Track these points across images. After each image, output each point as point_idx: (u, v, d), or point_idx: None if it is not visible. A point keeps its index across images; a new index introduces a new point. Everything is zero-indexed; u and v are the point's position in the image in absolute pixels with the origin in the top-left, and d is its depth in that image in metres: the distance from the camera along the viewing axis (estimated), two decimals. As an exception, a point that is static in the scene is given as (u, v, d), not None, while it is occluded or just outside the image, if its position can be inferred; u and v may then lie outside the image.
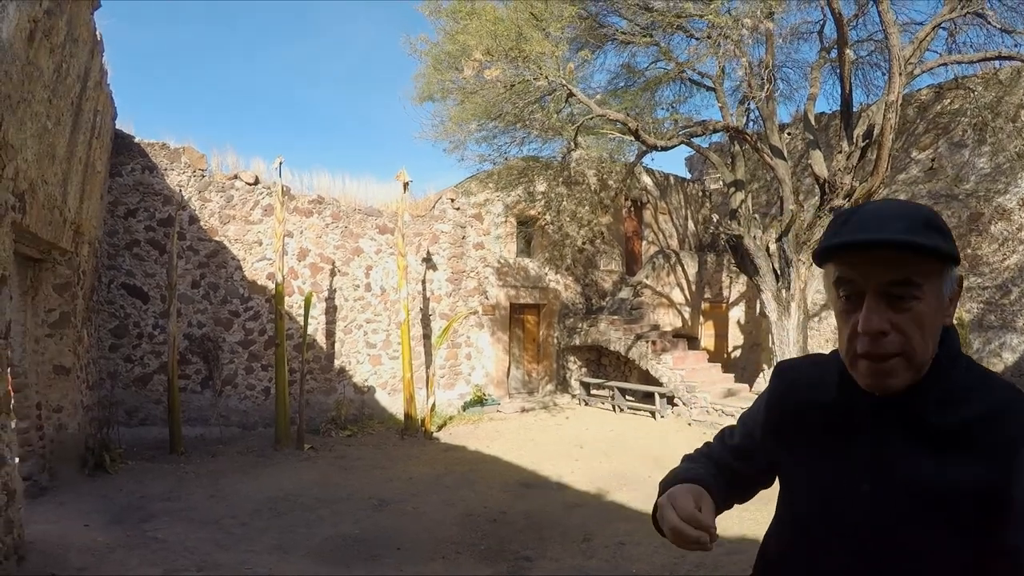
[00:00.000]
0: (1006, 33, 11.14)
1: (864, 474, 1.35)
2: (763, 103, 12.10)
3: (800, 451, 1.49)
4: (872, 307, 1.27)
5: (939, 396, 1.33)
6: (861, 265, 1.28)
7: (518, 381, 16.44)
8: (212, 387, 11.75)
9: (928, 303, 1.28)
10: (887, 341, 1.26)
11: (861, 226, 1.29)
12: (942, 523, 1.27)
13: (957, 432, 1.29)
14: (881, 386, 1.31)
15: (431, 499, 8.25)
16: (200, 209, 11.83)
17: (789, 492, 1.53)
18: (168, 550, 6.06)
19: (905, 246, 1.24)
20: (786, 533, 1.52)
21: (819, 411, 1.46)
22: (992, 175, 14.73)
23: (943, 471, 1.28)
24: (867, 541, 1.33)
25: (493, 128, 12.79)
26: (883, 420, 1.36)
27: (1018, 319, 14.25)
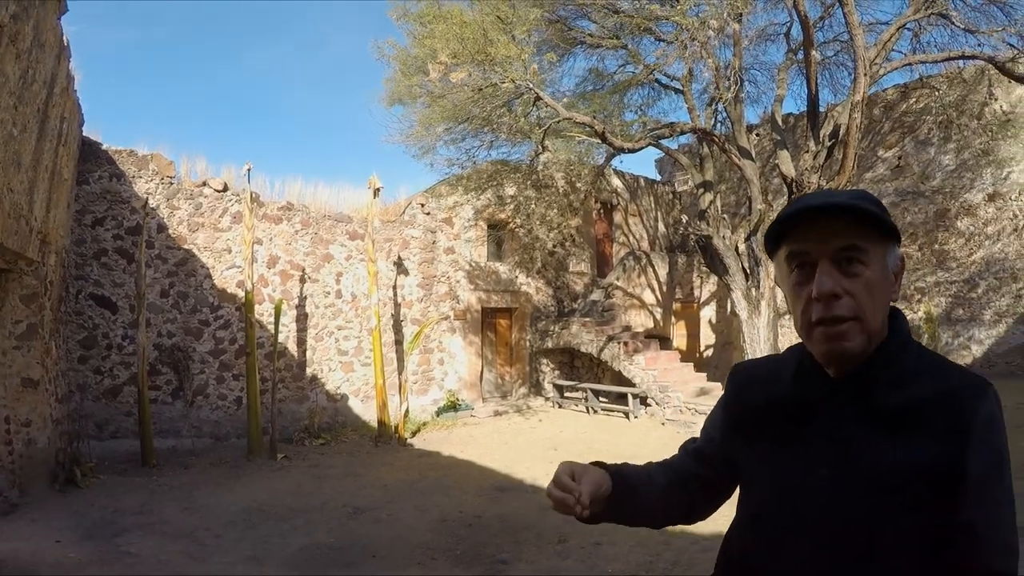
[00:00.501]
0: (970, 33, 11.39)
1: (822, 459, 1.39)
2: (731, 105, 12.22)
3: (759, 446, 1.53)
4: (825, 271, 1.34)
5: (891, 379, 1.39)
6: (812, 235, 1.36)
7: (491, 385, 16.46)
8: (183, 398, 11.64)
9: (875, 271, 1.36)
10: (840, 304, 1.33)
11: (805, 200, 1.38)
12: (899, 504, 1.31)
13: (911, 414, 1.35)
14: (835, 350, 1.36)
15: (406, 505, 8.23)
16: (168, 217, 11.72)
17: (750, 489, 1.56)
18: (141, 564, 6.02)
19: (854, 210, 1.33)
20: (748, 530, 1.55)
21: (775, 405, 1.52)
22: (957, 172, 15.15)
23: (898, 452, 1.32)
24: (826, 525, 1.36)
25: (461, 131, 12.80)
26: (838, 405, 1.41)
27: (985, 312, 14.64)
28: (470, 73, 10.66)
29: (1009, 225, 14.45)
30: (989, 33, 11.21)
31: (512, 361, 16.84)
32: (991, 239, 14.70)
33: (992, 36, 11.18)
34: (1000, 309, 14.51)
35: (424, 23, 11.32)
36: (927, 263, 15.65)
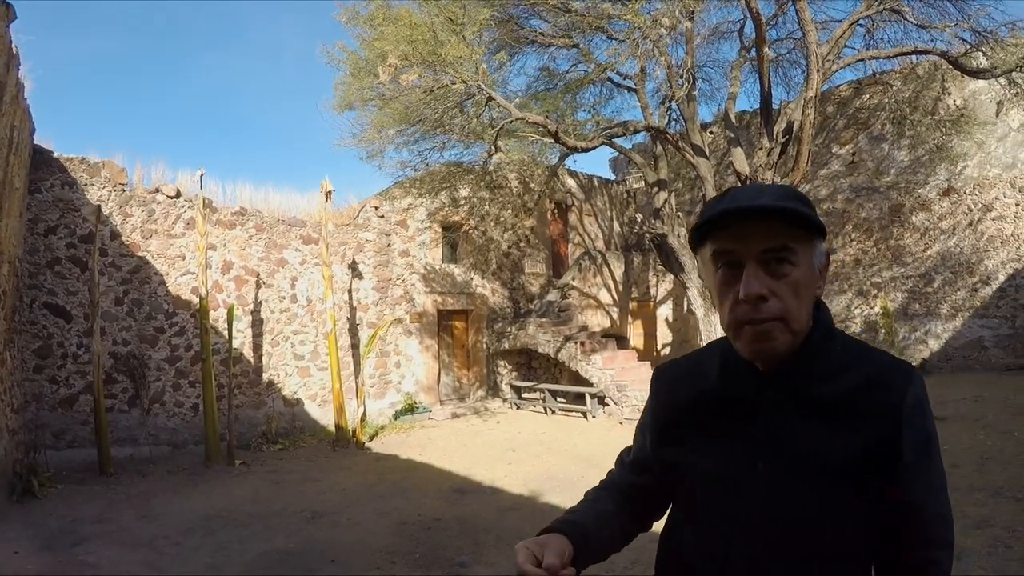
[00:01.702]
0: (922, 28, 11.52)
1: (759, 453, 1.43)
2: (684, 103, 12.32)
3: (693, 445, 1.54)
4: (752, 273, 1.36)
5: (820, 369, 1.43)
6: (739, 235, 1.37)
7: (449, 388, 16.53)
8: (140, 406, 11.57)
9: (802, 271, 1.38)
10: (767, 306, 1.35)
11: (737, 199, 1.39)
12: (838, 490, 1.38)
13: (842, 402, 1.41)
14: (763, 350, 1.40)
15: (365, 509, 8.29)
16: (122, 224, 11.65)
17: (689, 488, 1.56)
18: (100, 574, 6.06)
19: (782, 212, 1.35)
20: (691, 530, 1.55)
21: (705, 402, 1.55)
22: (912, 167, 15.37)
23: (834, 441, 1.38)
24: (771, 518, 1.41)
25: (413, 133, 12.77)
26: (769, 398, 1.44)
27: (942, 307, 14.86)
28: (420, 75, 10.66)
29: (964, 219, 14.67)
30: (942, 28, 11.31)
31: (469, 363, 16.93)
32: (946, 234, 14.91)
33: (945, 31, 11.29)
34: (956, 303, 14.73)
35: (374, 25, 11.28)
36: (883, 258, 15.87)
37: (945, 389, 12.57)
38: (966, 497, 6.80)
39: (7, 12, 7.25)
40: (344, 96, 12.45)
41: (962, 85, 14.46)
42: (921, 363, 15.00)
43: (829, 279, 16.22)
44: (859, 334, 15.99)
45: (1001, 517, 6.16)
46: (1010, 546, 5.49)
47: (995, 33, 11.04)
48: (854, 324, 16.22)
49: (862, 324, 16.10)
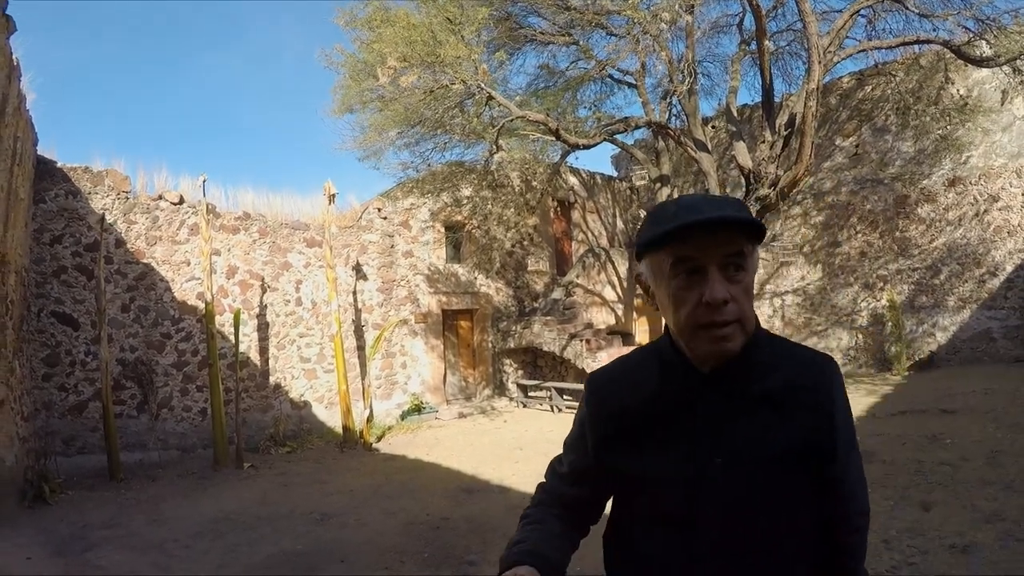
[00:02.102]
0: (924, 18, 11.52)
1: (713, 450, 1.49)
2: (685, 98, 12.31)
3: (640, 448, 1.57)
4: (715, 279, 1.42)
5: (756, 366, 1.53)
6: (702, 243, 1.42)
7: (455, 387, 16.56)
8: (148, 411, 11.62)
9: (751, 275, 1.48)
10: (727, 309, 1.42)
11: (693, 212, 1.43)
12: (788, 477, 1.49)
13: (779, 394, 1.51)
14: (722, 351, 1.46)
15: (372, 510, 8.29)
16: (126, 232, 11.70)
17: (635, 491, 1.60)
18: (111, 577, 6.11)
19: (746, 223, 1.42)
20: (637, 530, 1.61)
21: (648, 405, 1.58)
22: (916, 159, 15.25)
23: (777, 430, 1.49)
24: (733, 510, 1.48)
25: (414, 134, 12.84)
26: (714, 397, 1.52)
27: (949, 299, 14.75)
28: (420, 76, 10.68)
29: (970, 210, 14.59)
30: (944, 17, 11.32)
31: (475, 363, 16.96)
32: (952, 225, 14.83)
33: (947, 20, 11.29)
34: (963, 295, 14.64)
35: (372, 28, 11.31)
36: (888, 251, 15.80)
37: (954, 382, 12.54)
38: (977, 491, 6.76)
39: (7, 24, 7.28)
40: (343, 100, 12.48)
41: (966, 74, 14.35)
42: (929, 355, 14.97)
43: (835, 271, 16.31)
44: (866, 327, 15.99)
45: (1012, 511, 6.09)
46: (1021, 540, 5.43)
47: (998, 21, 11.00)
48: (860, 318, 16.17)
49: (868, 317, 16.03)
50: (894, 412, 10.98)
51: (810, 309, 17.04)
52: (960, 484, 7.05)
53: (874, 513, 5.73)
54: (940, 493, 6.88)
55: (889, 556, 5.40)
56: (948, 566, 5.10)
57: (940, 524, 6.00)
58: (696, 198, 1.50)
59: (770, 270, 17.74)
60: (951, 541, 5.56)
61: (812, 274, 17.04)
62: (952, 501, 6.58)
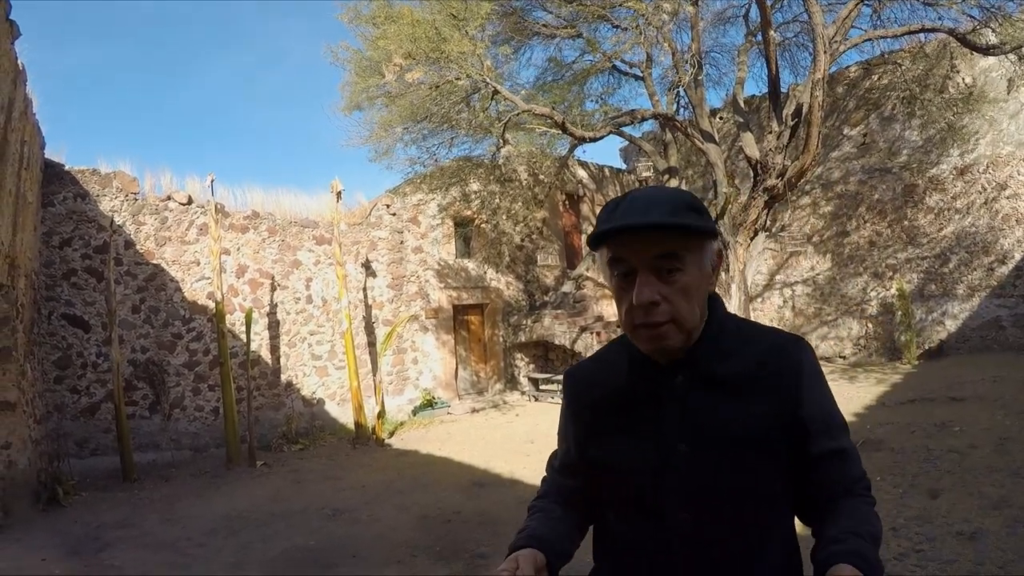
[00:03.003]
0: (929, 6, 11.51)
1: (678, 436, 1.53)
2: (692, 89, 12.29)
3: (614, 439, 1.63)
4: (643, 281, 1.45)
5: (718, 351, 1.56)
6: (631, 245, 1.46)
7: (467, 382, 16.60)
8: (160, 411, 11.71)
9: (691, 274, 1.48)
10: (659, 310, 1.45)
11: (630, 212, 1.47)
12: (755, 457, 1.50)
13: (742, 377, 1.54)
14: (658, 348, 1.51)
15: (385, 505, 8.33)
16: (135, 233, 11.77)
17: (612, 482, 1.64)
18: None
19: (666, 227, 1.43)
20: (624, 518, 1.64)
21: (617, 397, 1.64)
22: (924, 147, 15.24)
23: (740, 412, 1.51)
24: (699, 492, 1.51)
25: (421, 130, 12.84)
26: (677, 386, 1.55)
27: (958, 287, 14.73)
28: (425, 72, 10.69)
29: (978, 198, 14.55)
30: (949, 5, 11.28)
31: (486, 357, 16.99)
32: (961, 213, 14.79)
33: (952, 8, 11.26)
34: (973, 283, 14.61)
35: (376, 24, 11.31)
36: (897, 240, 15.76)
37: (963, 370, 12.53)
38: (985, 477, 6.79)
39: (11, 29, 7.33)
40: (351, 97, 12.49)
41: (972, 63, 14.30)
42: (939, 344, 14.96)
43: (844, 261, 16.30)
44: (875, 316, 15.97)
45: (1019, 498, 6.12)
46: None
47: (1003, 9, 10.91)
48: (870, 307, 16.14)
49: (878, 307, 16.01)
50: (903, 401, 10.99)
51: (820, 299, 17.01)
52: (968, 471, 7.09)
53: (883, 501, 5.79)
54: (948, 480, 6.92)
55: (897, 543, 5.43)
56: (955, 553, 5.14)
57: (948, 511, 6.03)
58: (639, 198, 1.52)
59: (779, 260, 17.71)
60: (959, 528, 5.59)
61: (821, 264, 17.00)
62: (960, 488, 6.61)
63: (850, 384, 13.21)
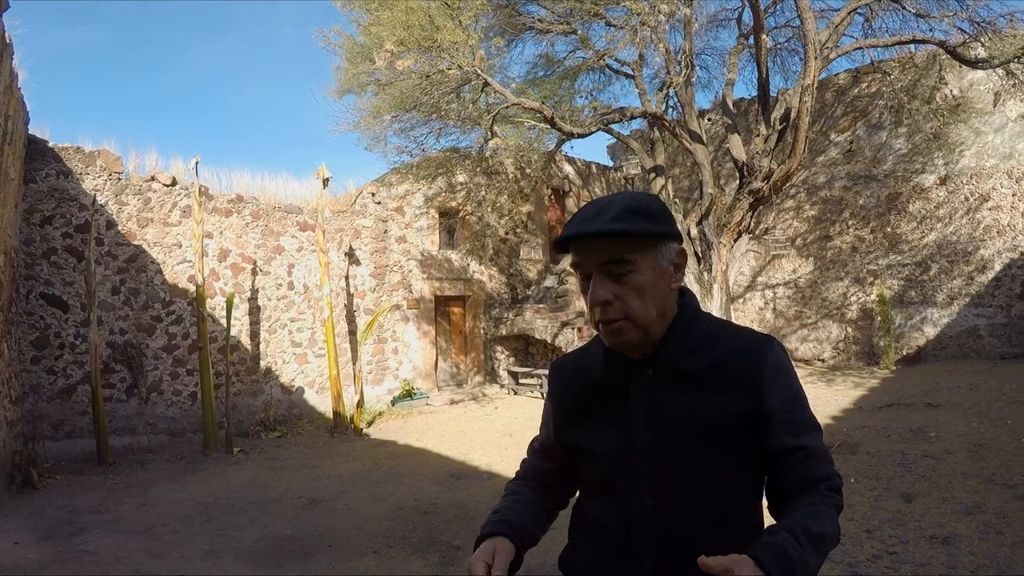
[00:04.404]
0: (921, 18, 11.63)
1: (644, 425, 1.63)
2: (682, 89, 12.36)
3: (590, 426, 1.75)
4: (597, 283, 1.57)
5: (686, 347, 1.65)
6: (583, 252, 1.58)
7: (446, 374, 16.59)
8: (138, 395, 11.59)
9: (644, 275, 1.57)
10: (612, 308, 1.56)
11: (581, 221, 1.58)
12: (716, 448, 1.60)
13: (709, 372, 1.62)
14: (618, 343, 1.62)
15: (362, 495, 8.34)
16: (117, 213, 11.63)
17: (590, 464, 1.76)
18: (99, 563, 6.09)
19: (612, 234, 1.53)
20: (596, 500, 1.77)
21: (594, 388, 1.76)
22: (909, 156, 15.43)
23: (707, 405, 1.60)
24: (661, 479, 1.61)
25: (410, 119, 12.77)
26: (647, 378, 1.65)
27: (938, 294, 14.92)
28: (417, 60, 10.65)
29: (961, 208, 14.72)
30: (940, 18, 11.42)
31: (467, 349, 16.98)
32: (943, 222, 14.97)
33: (943, 21, 11.38)
34: (952, 291, 14.79)
35: (369, 10, 11.24)
36: (879, 246, 15.92)
37: (940, 377, 12.67)
38: (959, 483, 6.89)
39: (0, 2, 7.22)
40: (343, 82, 12.42)
41: (960, 75, 14.49)
42: (917, 350, 15.12)
43: (826, 265, 16.43)
44: (855, 321, 16.12)
45: (993, 503, 6.23)
46: (1001, 532, 5.55)
47: (994, 24, 11.10)
48: (850, 311, 16.28)
49: (858, 311, 16.15)
50: (880, 405, 11.11)
51: (801, 302, 17.12)
52: (942, 476, 7.20)
53: (857, 504, 5.92)
54: (923, 485, 7.01)
55: (871, 545, 5.52)
56: (928, 556, 5.23)
57: (922, 515, 6.13)
58: (592, 205, 1.62)
59: (762, 262, 17.81)
60: (932, 532, 5.69)
61: (804, 267, 17.11)
62: (934, 493, 6.72)
63: (828, 387, 13.34)
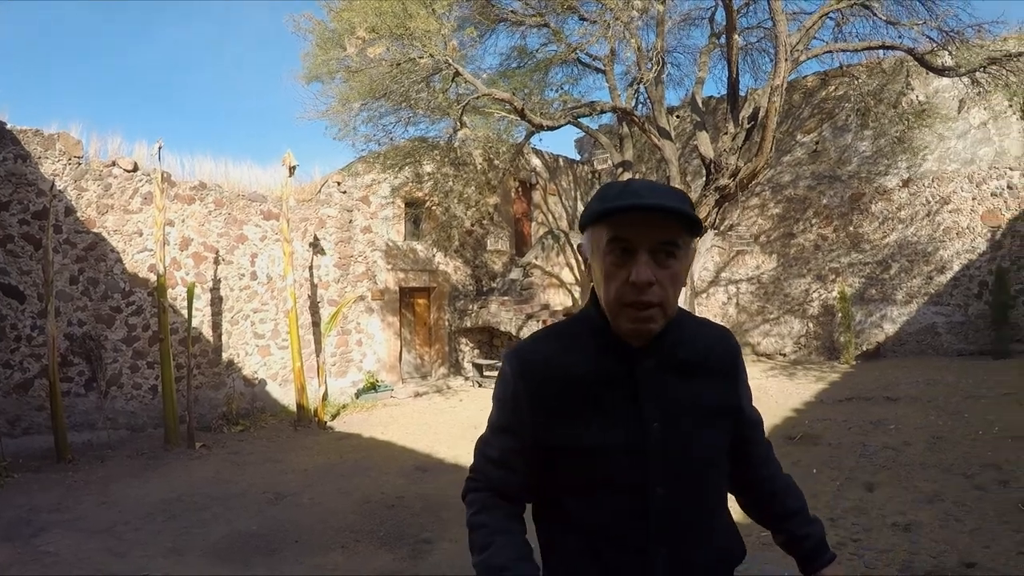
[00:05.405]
0: (891, 25, 11.79)
1: (651, 416, 1.63)
2: (652, 86, 12.43)
3: (580, 422, 1.64)
4: (644, 261, 1.52)
5: (678, 340, 1.70)
6: (638, 226, 1.53)
7: (411, 366, 16.53)
8: (97, 389, 11.33)
9: (682, 264, 1.58)
10: (651, 292, 1.53)
11: (640, 195, 1.53)
12: (712, 432, 1.71)
13: (698, 362, 1.72)
14: (642, 331, 1.59)
15: (327, 489, 8.31)
16: (77, 199, 11.31)
17: (577, 463, 1.65)
18: (61, 563, 5.98)
19: (679, 213, 1.51)
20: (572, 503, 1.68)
21: (584, 379, 1.66)
22: (873, 158, 15.82)
23: (701, 392, 1.70)
24: (670, 469, 1.63)
25: (379, 108, 12.65)
26: (648, 369, 1.65)
27: (898, 293, 15.32)
28: (388, 47, 10.56)
29: (922, 210, 15.09)
30: (910, 26, 11.60)
31: (431, 341, 16.92)
32: (904, 223, 15.33)
33: (913, 29, 11.58)
34: (912, 290, 15.19)
35: (342, -4, 11.18)
36: (841, 245, 16.26)
37: (899, 372, 12.97)
38: (918, 473, 7.19)
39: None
40: (311, 68, 12.29)
41: (926, 81, 14.84)
42: (876, 346, 15.48)
43: (789, 262, 16.80)
44: (817, 317, 16.42)
45: (951, 492, 6.49)
46: (960, 519, 5.79)
47: (962, 34, 11.35)
48: (812, 307, 16.59)
49: (820, 308, 16.46)
50: (841, 398, 11.40)
51: (763, 297, 17.38)
52: (902, 467, 7.49)
53: (820, 493, 6.21)
54: (883, 475, 7.28)
55: (835, 533, 5.68)
56: (891, 543, 5.44)
57: (883, 504, 6.37)
58: (644, 183, 1.60)
59: (726, 258, 18.02)
60: (893, 520, 5.93)
61: (767, 264, 17.39)
62: (895, 482, 6.99)
63: (789, 381, 13.55)
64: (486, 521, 1.74)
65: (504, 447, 1.76)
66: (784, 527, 1.89)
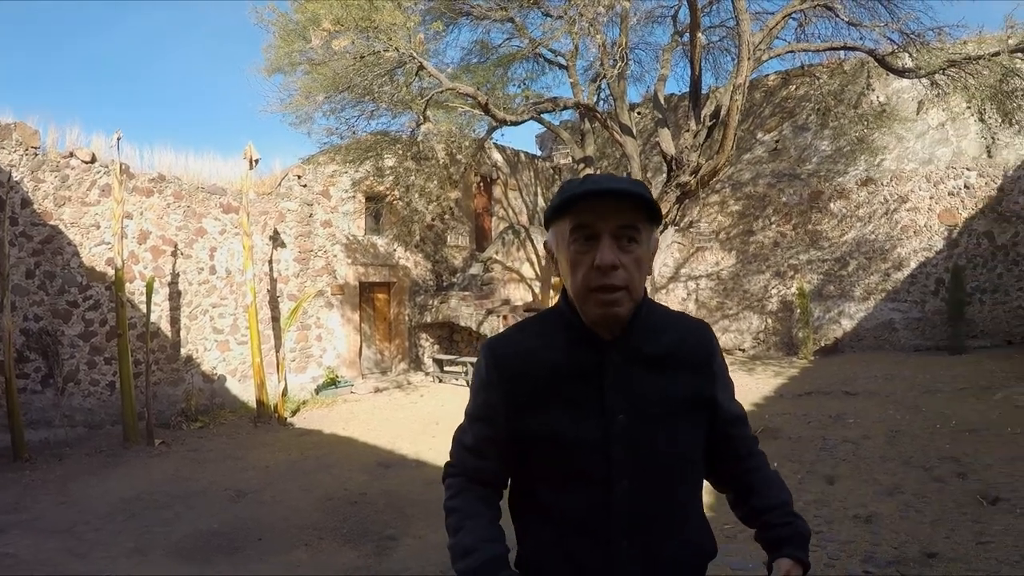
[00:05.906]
0: (853, 26, 12.04)
1: (617, 407, 1.64)
2: (615, 82, 12.53)
3: (551, 413, 1.67)
4: (607, 245, 1.56)
5: (648, 332, 1.71)
6: (599, 211, 1.56)
7: (371, 361, 16.45)
8: (54, 385, 11.10)
9: (644, 249, 1.62)
10: (616, 275, 1.56)
11: (599, 183, 1.58)
12: (683, 425, 1.71)
13: (669, 355, 1.71)
14: (609, 315, 1.60)
15: (289, 486, 8.26)
16: (33, 191, 11.05)
17: (548, 454, 1.68)
18: (20, 565, 5.87)
19: (638, 196, 1.56)
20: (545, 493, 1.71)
21: (554, 370, 1.69)
22: (833, 157, 16.12)
23: (670, 385, 1.69)
24: (635, 463, 1.64)
25: (341, 100, 12.55)
26: (616, 361, 1.66)
27: (855, 290, 15.63)
28: (353, 40, 10.49)
29: (880, 209, 15.43)
30: (872, 27, 11.84)
31: (391, 336, 16.86)
32: (862, 221, 15.67)
33: (874, 30, 11.82)
34: (869, 287, 15.52)
35: (307, -13, 11.07)
36: (800, 242, 16.54)
37: (857, 367, 13.21)
38: (878, 466, 7.35)
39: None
40: (273, 60, 12.20)
41: (886, 83, 15.15)
42: (834, 342, 15.74)
43: (748, 258, 16.97)
44: (775, 313, 16.63)
45: (911, 484, 6.64)
46: (920, 511, 5.93)
47: (922, 36, 11.61)
48: (771, 303, 16.83)
49: (778, 303, 16.70)
50: (800, 393, 11.59)
51: (723, 293, 17.59)
52: (862, 460, 7.65)
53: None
54: (844, 468, 7.42)
55: None
56: (853, 534, 5.55)
57: (844, 496, 6.50)
58: (603, 176, 1.64)
59: (686, 254, 18.20)
60: (855, 512, 6.05)
61: (726, 260, 17.60)
62: (855, 475, 7.13)
63: (749, 376, 13.73)
64: (459, 505, 1.79)
65: (479, 435, 1.81)
66: (764, 519, 1.83)
